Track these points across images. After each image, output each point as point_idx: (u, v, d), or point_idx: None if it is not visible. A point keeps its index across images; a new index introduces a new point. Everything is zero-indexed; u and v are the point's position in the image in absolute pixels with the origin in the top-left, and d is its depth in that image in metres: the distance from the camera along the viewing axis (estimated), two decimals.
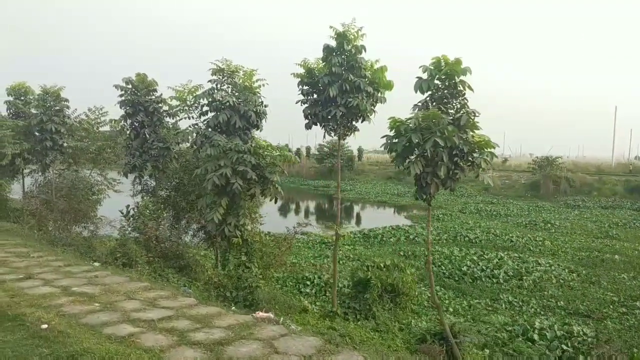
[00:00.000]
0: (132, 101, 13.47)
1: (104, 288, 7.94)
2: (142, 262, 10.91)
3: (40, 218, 13.20)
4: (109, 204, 19.13)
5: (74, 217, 13.79)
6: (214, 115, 11.70)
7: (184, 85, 11.92)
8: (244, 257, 11.56)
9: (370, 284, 10.35)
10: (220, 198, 11.40)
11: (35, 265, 9.33)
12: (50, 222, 13.15)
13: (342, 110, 10.00)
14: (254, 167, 11.20)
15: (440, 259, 23.81)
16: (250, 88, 11.93)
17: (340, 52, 10.25)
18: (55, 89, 16.64)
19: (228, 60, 11.86)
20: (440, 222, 37.06)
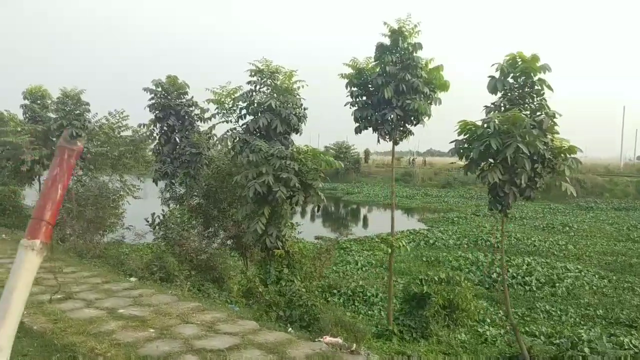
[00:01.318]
0: (163, 104, 12.77)
1: (154, 309, 7.23)
2: (180, 277, 10.22)
3: (64, 228, 12.50)
4: (128, 210, 18.52)
5: (100, 227, 13.10)
6: (253, 119, 11.00)
7: (223, 87, 11.21)
8: (286, 269, 10.88)
9: (428, 299, 9.64)
10: (260, 207, 10.70)
11: (71, 283, 8.62)
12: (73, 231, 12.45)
13: (398, 113, 9.30)
14: (295, 173, 10.50)
15: (466, 265, 23.14)
16: (290, 90, 11.23)
17: (395, 50, 9.56)
18: (75, 92, 15.95)
19: (268, 60, 11.17)
20: (456, 226, 36.40)
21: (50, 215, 1.86)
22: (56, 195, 1.87)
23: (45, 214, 1.84)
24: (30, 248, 1.82)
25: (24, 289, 1.79)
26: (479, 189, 60.27)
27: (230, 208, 13.47)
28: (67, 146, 1.90)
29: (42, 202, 1.85)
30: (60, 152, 1.91)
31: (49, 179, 1.89)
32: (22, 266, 1.81)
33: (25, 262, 1.82)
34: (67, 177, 1.92)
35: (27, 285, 1.80)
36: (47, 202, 1.85)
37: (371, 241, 29.62)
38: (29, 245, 1.82)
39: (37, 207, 1.85)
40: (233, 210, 13.51)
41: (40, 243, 1.83)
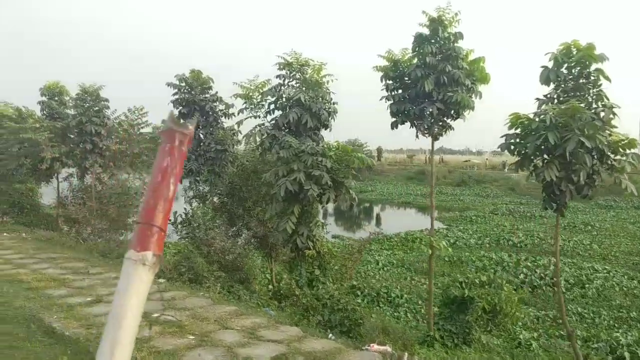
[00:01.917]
0: (187, 100, 12.36)
1: (190, 314, 6.85)
2: (210, 278, 9.83)
3: (87, 226, 12.18)
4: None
5: (122, 226, 12.77)
6: (282, 114, 10.57)
7: (251, 81, 10.79)
8: (317, 271, 10.46)
9: (471, 303, 9.17)
10: (290, 205, 10.28)
11: (99, 285, 8.26)
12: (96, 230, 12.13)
13: (439, 106, 8.82)
14: (327, 170, 10.07)
15: (491, 266, 22.56)
16: (319, 83, 10.79)
17: (435, 40, 9.08)
18: (94, 88, 15.60)
19: (297, 53, 10.74)
20: (475, 225, 35.75)
21: (163, 218, 1.44)
22: (168, 192, 1.45)
23: (156, 218, 1.42)
24: (141, 262, 1.40)
25: (135, 315, 1.37)
26: (495, 187, 59.60)
27: (255, 207, 13.07)
28: (178, 129, 1.47)
29: (151, 202, 1.42)
30: (169, 137, 1.47)
31: (158, 171, 1.46)
32: (132, 286, 1.39)
33: (136, 280, 1.40)
34: (179, 168, 1.49)
35: (138, 310, 1.38)
36: (157, 202, 1.43)
37: (390, 240, 29.19)
38: (139, 259, 1.40)
39: (146, 208, 1.43)
40: (258, 209, 13.12)
41: (152, 256, 1.41)
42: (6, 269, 9.18)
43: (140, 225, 1.42)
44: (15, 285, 8.06)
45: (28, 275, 8.74)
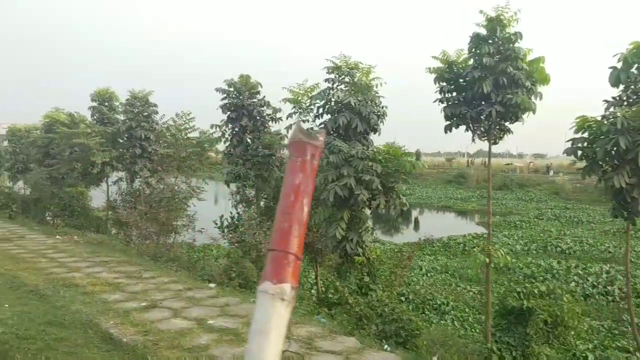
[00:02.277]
0: (235, 105, 12.39)
1: (244, 321, 6.75)
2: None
3: (137, 230, 12.35)
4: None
5: (171, 229, 12.90)
6: (332, 118, 10.43)
7: (300, 85, 10.72)
8: (367, 277, 10.24)
9: (530, 315, 8.75)
10: (339, 211, 10.12)
11: (153, 290, 8.30)
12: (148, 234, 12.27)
13: (498, 108, 8.48)
14: (377, 175, 9.86)
15: (540, 273, 21.77)
16: (369, 87, 10.60)
17: (492, 40, 8.75)
18: (143, 94, 15.87)
19: (346, 57, 10.59)
20: (520, 230, 34.69)
21: (298, 244, 1.27)
22: (302, 214, 1.28)
23: (291, 244, 1.26)
24: (279, 297, 1.23)
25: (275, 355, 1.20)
26: (538, 191, 57.89)
27: None
28: (310, 142, 1.31)
29: (285, 226, 1.26)
30: (299, 151, 1.31)
31: (290, 190, 1.29)
32: (271, 324, 1.22)
33: (274, 317, 1.23)
34: (312, 185, 1.32)
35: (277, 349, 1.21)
36: (292, 225, 1.26)
37: (432, 245, 28.67)
38: (276, 292, 1.23)
39: (279, 233, 1.26)
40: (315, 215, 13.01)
41: (291, 289, 1.25)
42: (61, 273, 9.34)
43: (274, 253, 1.26)
44: (71, 289, 8.17)
45: (83, 279, 8.87)
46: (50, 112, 23.04)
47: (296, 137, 1.32)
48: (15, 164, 25.65)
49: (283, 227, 1.26)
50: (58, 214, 18.65)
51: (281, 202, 1.31)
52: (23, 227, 15.31)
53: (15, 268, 9.53)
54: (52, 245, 12.26)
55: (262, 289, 1.24)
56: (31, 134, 25.39)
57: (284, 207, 1.28)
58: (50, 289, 8.13)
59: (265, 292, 1.23)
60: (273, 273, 1.24)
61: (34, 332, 6.14)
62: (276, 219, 1.30)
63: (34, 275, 9.05)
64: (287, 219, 1.25)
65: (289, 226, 1.25)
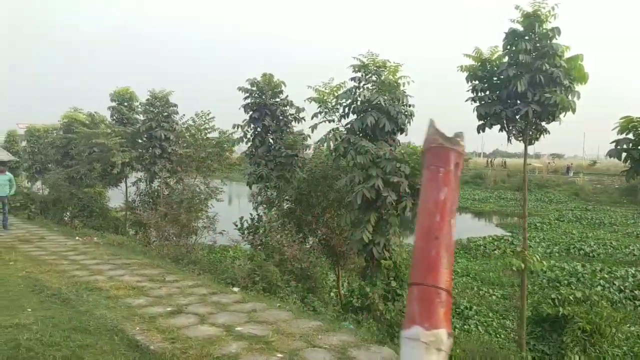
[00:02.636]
0: (258, 104, 12.14)
1: (273, 328, 6.49)
2: (285, 289, 9.53)
3: (158, 231, 12.18)
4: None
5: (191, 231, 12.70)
6: (359, 118, 10.14)
7: (326, 84, 10.44)
8: (394, 282, 9.93)
9: (566, 322, 8.39)
10: (366, 213, 9.83)
11: (177, 294, 8.07)
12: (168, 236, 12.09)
13: (534, 107, 8.11)
14: (405, 176, 9.56)
15: (565, 277, 21.25)
16: (397, 85, 10.29)
17: (529, 37, 8.39)
18: (163, 94, 15.71)
19: (373, 54, 10.29)
20: (541, 232, 34.07)
21: (448, 276, 0.99)
22: (450, 239, 1.00)
23: (442, 277, 0.98)
24: (435, 347, 0.95)
25: None
26: (558, 192, 56.97)
27: (324, 213, 12.69)
28: (454, 148, 1.02)
29: (432, 253, 0.98)
30: (441, 159, 1.02)
31: (434, 207, 1.01)
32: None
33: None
34: (456, 198, 1.03)
35: None
36: (439, 253, 0.98)
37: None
38: (430, 341, 0.95)
39: (425, 263, 0.98)
40: (327, 216, 12.75)
41: (447, 336, 0.97)
42: (84, 276, 9.17)
43: (421, 288, 0.97)
44: (94, 293, 7.98)
45: (106, 282, 8.69)
46: (68, 112, 23.08)
47: (435, 141, 1.04)
48: (34, 164, 25.77)
49: (430, 256, 0.97)
50: (76, 214, 18.61)
51: (423, 223, 1.02)
52: (42, 228, 15.24)
53: (36, 271, 9.39)
54: (72, 247, 12.13)
55: (411, 335, 0.96)
56: (50, 134, 25.48)
57: (427, 229, 0.99)
58: (73, 292, 7.95)
59: (416, 339, 0.95)
60: (424, 315, 0.95)
61: (58, 338, 5.94)
62: (418, 243, 1.01)
63: (56, 278, 8.89)
64: (434, 245, 0.97)
65: (437, 254, 0.96)
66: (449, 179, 1.01)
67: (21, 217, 17.57)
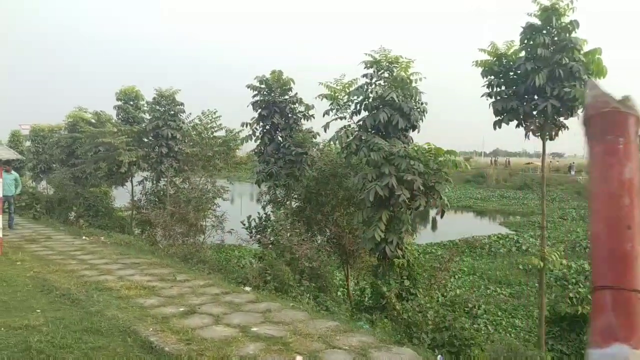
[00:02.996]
0: (267, 102, 11.97)
1: (289, 328, 6.34)
2: (297, 288, 9.38)
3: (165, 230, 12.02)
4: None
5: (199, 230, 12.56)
6: (371, 114, 9.98)
7: (337, 80, 10.27)
8: (407, 281, 9.77)
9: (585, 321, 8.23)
10: (379, 212, 9.67)
11: (189, 294, 7.92)
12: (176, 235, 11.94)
13: (553, 103, 7.94)
14: (418, 174, 9.40)
15: (572, 275, 20.99)
16: (409, 81, 10.13)
17: (547, 30, 8.22)
18: (170, 92, 15.55)
19: (386, 50, 10.13)
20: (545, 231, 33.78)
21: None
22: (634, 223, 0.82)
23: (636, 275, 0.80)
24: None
25: None
26: (560, 191, 56.83)
27: (334, 212, 12.54)
28: (631, 112, 0.84)
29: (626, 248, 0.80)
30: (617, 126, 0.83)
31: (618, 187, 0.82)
32: None
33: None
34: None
35: None
36: (634, 247, 0.80)
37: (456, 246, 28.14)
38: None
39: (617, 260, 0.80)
40: (337, 214, 12.60)
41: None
42: (93, 276, 9.02)
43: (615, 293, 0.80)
44: (104, 293, 7.83)
45: (115, 282, 8.54)
46: (73, 111, 22.94)
47: (605, 104, 0.86)
48: (38, 164, 25.63)
49: (623, 251, 0.79)
50: (82, 214, 18.46)
51: (604, 208, 0.83)
52: (48, 228, 15.10)
53: (44, 271, 9.25)
54: (80, 246, 11.99)
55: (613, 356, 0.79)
56: (55, 134, 25.34)
57: (614, 217, 0.81)
58: (83, 293, 7.81)
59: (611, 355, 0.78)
60: (627, 329, 0.78)
61: (70, 340, 5.80)
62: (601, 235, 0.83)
63: (64, 278, 8.75)
64: (627, 237, 0.79)
65: (632, 249, 0.79)
66: (631, 152, 0.82)
67: (27, 217, 17.42)
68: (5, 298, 7.71)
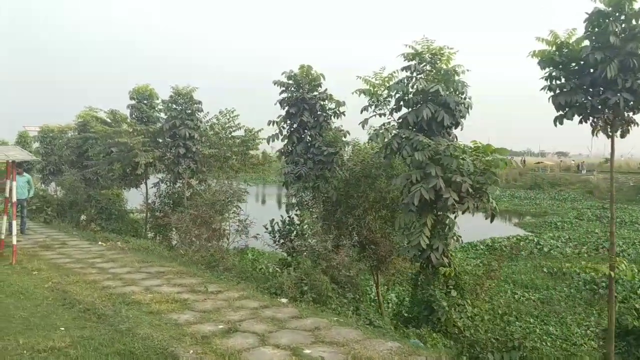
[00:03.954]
0: (296, 99, 11.24)
1: (346, 350, 5.59)
2: (335, 299, 8.66)
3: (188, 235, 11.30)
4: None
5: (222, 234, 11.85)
6: (413, 111, 9.25)
7: (377, 74, 9.56)
8: (454, 292, 9.04)
9: None
10: (422, 216, 8.94)
11: (225, 308, 7.19)
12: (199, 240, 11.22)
13: (626, 96, 7.21)
14: (467, 175, 8.69)
15: (602, 279, 20.24)
16: (454, 74, 9.41)
17: (614, 18, 7.48)
18: (187, 90, 14.83)
19: (428, 40, 9.40)
20: (563, 232, 33.12)
21: None
22: None
23: None
24: None
25: None
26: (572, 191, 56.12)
27: (365, 215, 11.81)
28: None
29: None
30: None
31: None
32: None
33: None
34: None
35: None
36: None
37: (475, 248, 27.47)
38: None
39: None
40: (369, 218, 11.87)
41: None
42: (117, 287, 8.30)
43: None
44: (133, 307, 7.11)
45: (143, 294, 7.82)
46: (84, 111, 22.27)
47: None
48: (47, 166, 24.95)
49: None
50: (94, 217, 17.78)
51: None
52: (61, 233, 14.40)
53: (64, 281, 8.53)
54: (98, 253, 11.27)
55: None
56: (65, 134, 24.70)
57: None
58: (109, 307, 7.09)
59: None
60: None
61: None
62: None
63: (86, 290, 8.03)
64: None
65: None
66: None
67: (37, 221, 16.74)
68: (25, 314, 7.01)
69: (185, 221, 11.16)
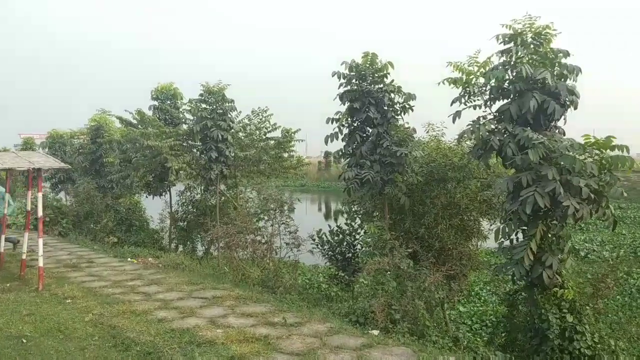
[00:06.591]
0: (360, 92, 9.75)
1: None
2: (431, 328, 7.21)
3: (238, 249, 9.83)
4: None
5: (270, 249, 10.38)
6: (516, 101, 7.78)
7: (471, 58, 8.12)
8: (569, 316, 7.56)
9: None
10: (531, 227, 7.48)
11: (320, 348, 5.64)
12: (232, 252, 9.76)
13: None
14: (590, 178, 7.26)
15: None
16: (560, 56, 7.98)
17: None
18: (218, 87, 13.35)
19: (532, 18, 7.98)
20: (589, 233, 31.63)
21: None
22: None
23: None
24: None
25: None
26: None
27: (437, 224, 10.34)
28: None
29: None
30: None
31: None
32: None
33: None
34: None
35: None
36: None
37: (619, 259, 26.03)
38: None
39: None
40: (440, 227, 10.40)
41: None
42: (175, 319, 6.77)
43: None
44: (207, 350, 5.59)
45: (210, 329, 6.31)
46: (96, 114, 20.82)
47: None
48: (56, 174, 23.37)
49: None
50: (113, 229, 16.29)
51: None
52: (83, 248, 12.84)
53: (107, 313, 7.01)
54: (134, 273, 9.73)
55: None
56: (76, 139, 23.25)
57: None
58: (176, 350, 5.58)
59: None
60: None
61: None
62: None
63: (138, 324, 6.51)
64: None
65: None
66: None
67: (52, 235, 15.18)
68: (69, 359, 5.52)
69: (233, 234, 9.66)
